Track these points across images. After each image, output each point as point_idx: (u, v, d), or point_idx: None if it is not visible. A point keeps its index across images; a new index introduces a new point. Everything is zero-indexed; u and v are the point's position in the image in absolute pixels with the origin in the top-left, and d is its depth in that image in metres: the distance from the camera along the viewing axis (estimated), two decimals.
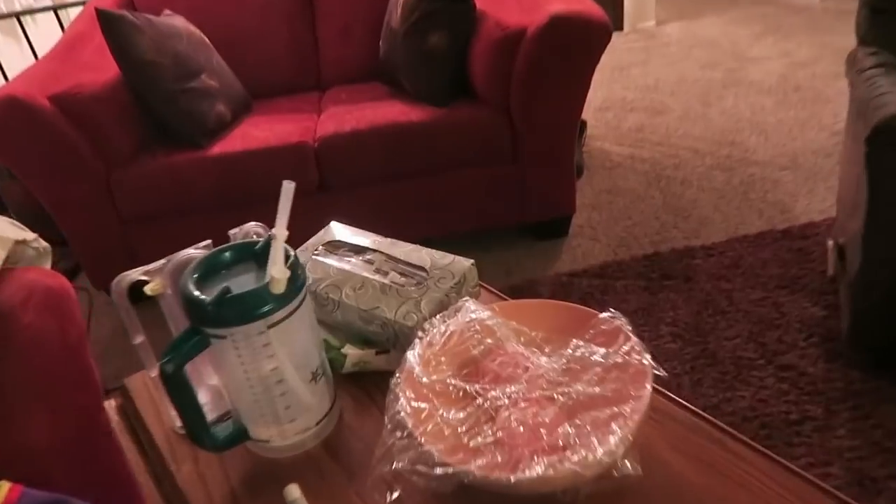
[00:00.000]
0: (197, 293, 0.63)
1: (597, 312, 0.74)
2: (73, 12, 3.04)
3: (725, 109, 3.06)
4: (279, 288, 0.56)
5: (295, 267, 0.65)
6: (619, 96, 3.35)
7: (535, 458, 0.58)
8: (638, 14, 4.38)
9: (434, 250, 0.87)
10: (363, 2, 2.47)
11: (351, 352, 0.80)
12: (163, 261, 0.72)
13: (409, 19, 2.11)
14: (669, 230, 2.25)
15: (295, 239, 0.79)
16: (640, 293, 1.97)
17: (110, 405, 0.84)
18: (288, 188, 0.59)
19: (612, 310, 0.73)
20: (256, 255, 0.69)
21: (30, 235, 1.11)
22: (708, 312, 1.86)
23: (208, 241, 0.74)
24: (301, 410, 0.70)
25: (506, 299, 0.85)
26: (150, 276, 0.71)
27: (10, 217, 1.06)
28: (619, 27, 4.37)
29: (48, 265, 1.15)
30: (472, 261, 0.83)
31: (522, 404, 0.65)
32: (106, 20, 1.96)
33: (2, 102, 1.82)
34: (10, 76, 2.68)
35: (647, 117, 3.10)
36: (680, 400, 0.72)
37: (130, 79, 2.05)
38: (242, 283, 0.66)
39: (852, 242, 1.58)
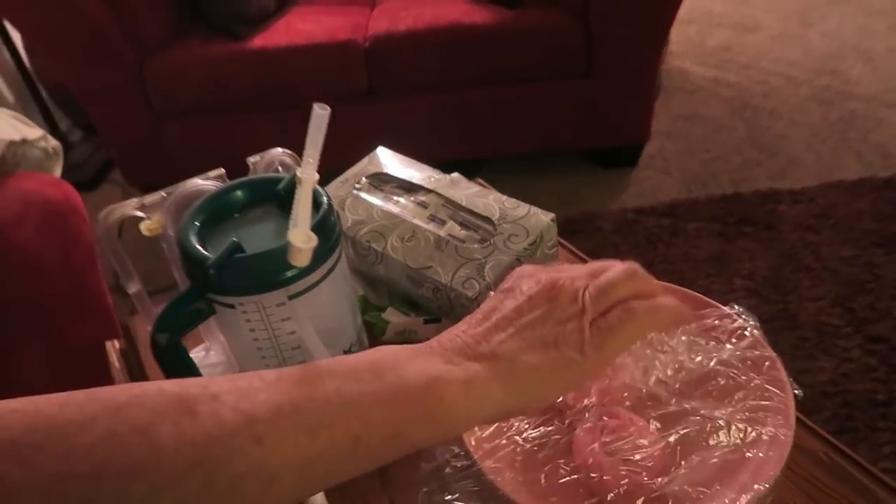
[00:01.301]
0: (198, 247, 0.48)
1: (717, 305, 0.56)
2: None
3: (828, 31, 2.71)
4: (301, 260, 0.40)
5: (326, 225, 0.48)
6: (706, 7, 3.00)
7: None
8: None
9: (505, 197, 0.69)
10: None
11: (394, 319, 0.64)
12: (162, 193, 0.56)
13: None
14: (753, 168, 2.01)
15: (335, 155, 0.62)
16: (714, 239, 1.77)
17: (112, 346, 0.71)
18: (321, 114, 0.42)
19: (736, 306, 0.55)
20: (279, 196, 0.52)
21: (33, 134, 0.96)
22: (790, 268, 1.65)
23: (221, 171, 0.58)
24: None
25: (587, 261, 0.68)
26: (147, 212, 0.55)
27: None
28: None
29: (57, 170, 1.01)
30: (552, 215, 0.66)
31: (610, 424, 0.49)
32: None
33: None
34: None
35: (735, 35, 2.76)
36: (814, 427, 0.55)
37: None
38: (259, 234, 0.51)
39: None
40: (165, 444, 0.28)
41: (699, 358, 0.51)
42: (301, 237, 0.41)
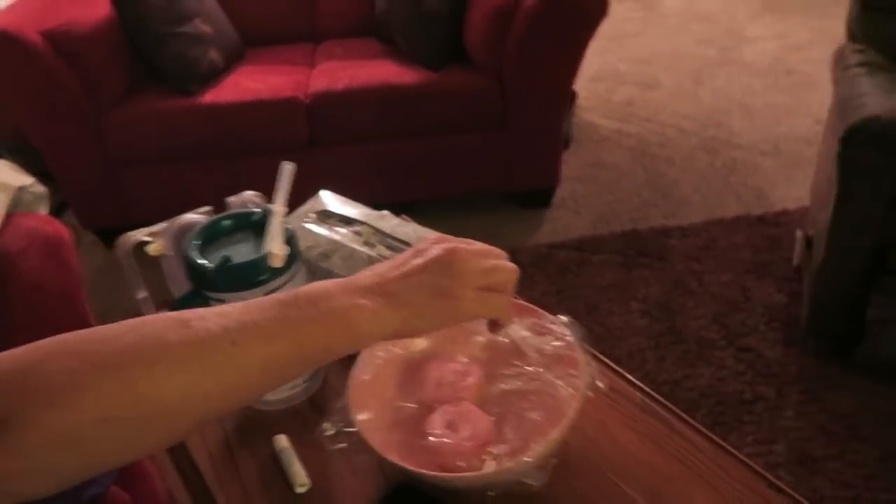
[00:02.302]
0: (199, 259, 0.68)
1: (548, 314, 0.75)
2: None
3: (716, 89, 3.10)
4: (278, 262, 0.60)
5: (292, 242, 0.69)
6: (613, 68, 3.37)
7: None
8: None
9: (419, 226, 0.91)
10: None
11: None
12: (165, 223, 0.76)
13: None
14: (650, 208, 2.31)
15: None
16: (615, 269, 2.04)
17: None
18: (288, 169, 0.63)
19: (564, 317, 0.73)
20: (253, 225, 0.73)
21: (28, 180, 1.14)
22: (678, 292, 1.94)
23: (209, 207, 0.78)
24: None
25: None
26: (153, 237, 0.75)
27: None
28: None
29: (45, 209, 1.18)
30: None
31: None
32: None
33: None
34: None
35: (638, 91, 3.12)
36: (636, 381, 0.78)
37: (123, 18, 2.03)
38: (241, 251, 0.71)
39: (819, 235, 1.65)
40: (173, 344, 0.46)
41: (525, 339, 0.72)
42: (278, 246, 0.61)
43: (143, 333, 0.46)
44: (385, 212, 0.95)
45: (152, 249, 0.75)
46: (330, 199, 0.98)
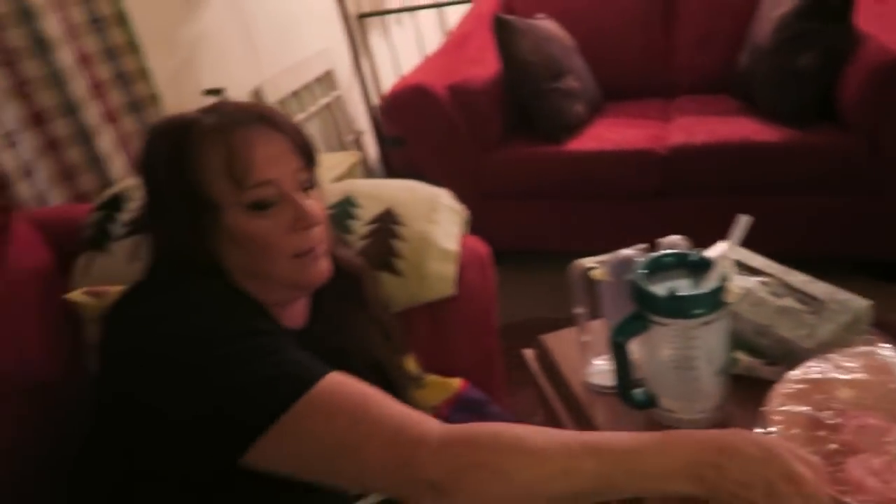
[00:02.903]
0: (649, 287, 0.82)
1: None
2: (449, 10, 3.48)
3: None
4: (732, 298, 0.71)
5: (727, 281, 0.80)
6: None
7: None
8: None
9: (828, 284, 0.95)
10: (727, 12, 2.51)
11: (742, 357, 0.93)
12: (608, 255, 0.92)
13: (779, 37, 2.11)
14: None
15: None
16: None
17: (529, 353, 1.09)
18: (745, 220, 0.74)
19: None
20: (688, 264, 0.85)
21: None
22: None
23: (645, 245, 0.93)
24: (703, 395, 0.86)
25: None
26: (598, 265, 0.91)
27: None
28: None
29: (467, 231, 1.45)
30: (870, 302, 0.91)
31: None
32: (499, 24, 2.29)
33: (413, 89, 2.25)
34: (402, 63, 3.22)
35: None
36: None
37: (509, 75, 2.36)
38: (680, 285, 0.83)
39: None
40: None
41: None
42: (733, 285, 0.72)
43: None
44: (785, 267, 1.01)
45: (595, 275, 0.91)
46: (734, 250, 1.07)
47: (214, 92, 1.89)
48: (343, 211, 1.12)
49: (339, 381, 0.69)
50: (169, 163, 0.82)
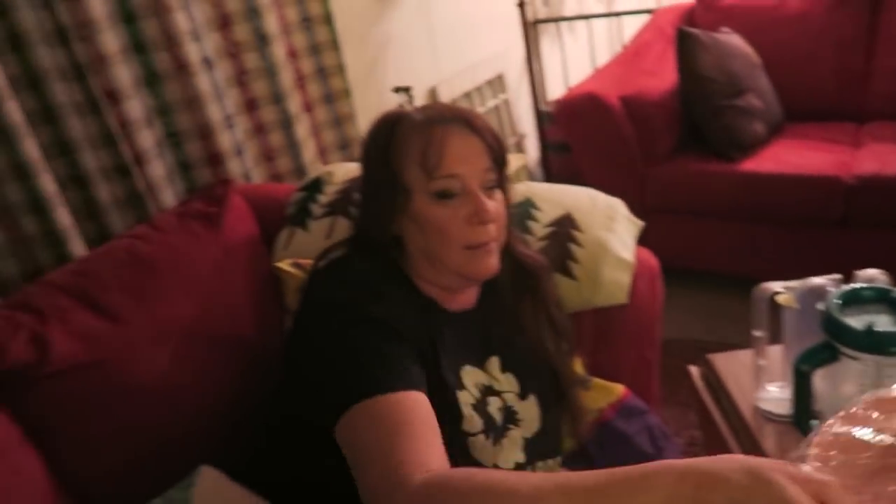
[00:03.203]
0: (844, 318, 0.80)
1: None
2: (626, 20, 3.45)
3: None
4: None
5: None
6: None
7: None
8: None
9: None
10: None
11: None
12: (797, 282, 0.90)
13: None
14: None
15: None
16: None
17: (695, 371, 1.08)
18: None
19: None
20: (888, 300, 0.82)
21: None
22: None
23: (839, 276, 0.90)
24: None
25: None
26: (786, 290, 0.90)
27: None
28: None
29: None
30: None
31: None
32: (682, 37, 2.25)
33: (586, 97, 2.26)
34: (571, 70, 3.25)
35: None
36: None
37: (685, 89, 2.32)
38: (879, 320, 0.81)
39: None
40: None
41: None
42: None
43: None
44: None
45: (782, 300, 0.90)
46: None
47: (403, 90, 2.01)
48: (524, 212, 1.17)
49: (395, 401, 0.75)
50: (378, 149, 0.93)
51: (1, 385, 0.99)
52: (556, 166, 3.00)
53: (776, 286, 0.91)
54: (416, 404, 0.76)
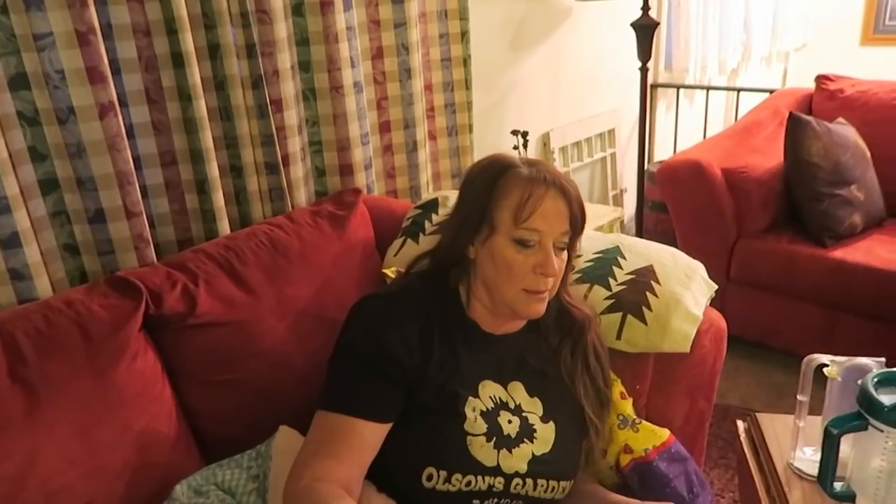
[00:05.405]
0: (875, 394, 0.90)
1: None
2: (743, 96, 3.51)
3: None
4: None
5: None
6: None
7: None
8: None
9: None
10: None
11: None
12: (845, 358, 1.01)
13: None
14: None
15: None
16: None
17: (741, 425, 1.19)
18: None
19: None
20: None
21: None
22: None
23: (882, 359, 1.00)
24: None
25: None
26: (832, 363, 1.01)
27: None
28: None
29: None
30: None
31: None
32: (793, 122, 2.32)
33: (691, 164, 2.37)
34: (680, 134, 3.35)
35: None
36: None
37: (790, 173, 2.38)
38: None
39: None
40: None
41: None
42: None
43: None
44: None
45: (829, 372, 1.01)
46: None
47: (520, 133, 2.20)
48: (611, 257, 1.32)
49: (343, 422, 0.97)
50: (484, 183, 1.09)
51: (155, 326, 1.21)
52: (651, 223, 3.10)
53: (824, 358, 1.02)
54: (355, 432, 0.96)
